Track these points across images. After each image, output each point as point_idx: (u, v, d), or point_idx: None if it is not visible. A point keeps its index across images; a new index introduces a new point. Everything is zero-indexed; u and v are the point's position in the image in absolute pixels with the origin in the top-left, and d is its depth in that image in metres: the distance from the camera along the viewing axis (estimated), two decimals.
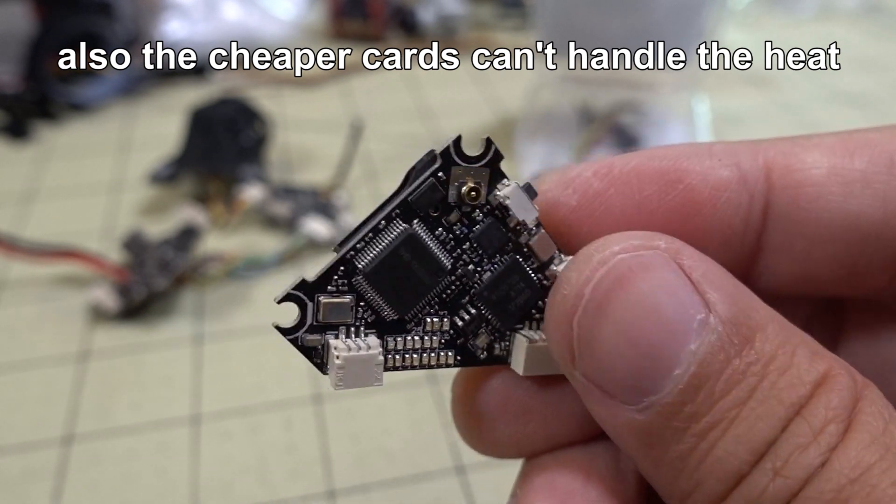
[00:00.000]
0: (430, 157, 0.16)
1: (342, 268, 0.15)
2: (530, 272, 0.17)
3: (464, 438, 0.19)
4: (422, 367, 0.17)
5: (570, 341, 0.15)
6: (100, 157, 0.59)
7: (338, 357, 0.15)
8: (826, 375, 0.14)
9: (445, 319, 0.17)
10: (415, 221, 0.16)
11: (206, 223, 0.47)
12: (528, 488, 0.18)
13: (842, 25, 0.82)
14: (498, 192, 0.16)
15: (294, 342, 0.16)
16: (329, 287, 0.15)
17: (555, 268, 0.17)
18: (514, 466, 0.19)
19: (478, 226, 0.16)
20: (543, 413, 0.18)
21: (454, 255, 0.16)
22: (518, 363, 0.17)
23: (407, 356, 0.16)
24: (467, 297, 0.17)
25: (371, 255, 0.15)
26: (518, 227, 0.16)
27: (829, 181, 0.16)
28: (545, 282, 0.17)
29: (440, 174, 0.15)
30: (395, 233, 0.16)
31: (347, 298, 0.16)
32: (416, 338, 0.16)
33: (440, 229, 0.16)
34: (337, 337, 0.16)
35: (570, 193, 0.16)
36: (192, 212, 0.46)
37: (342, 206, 0.50)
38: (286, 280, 0.45)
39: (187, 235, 0.45)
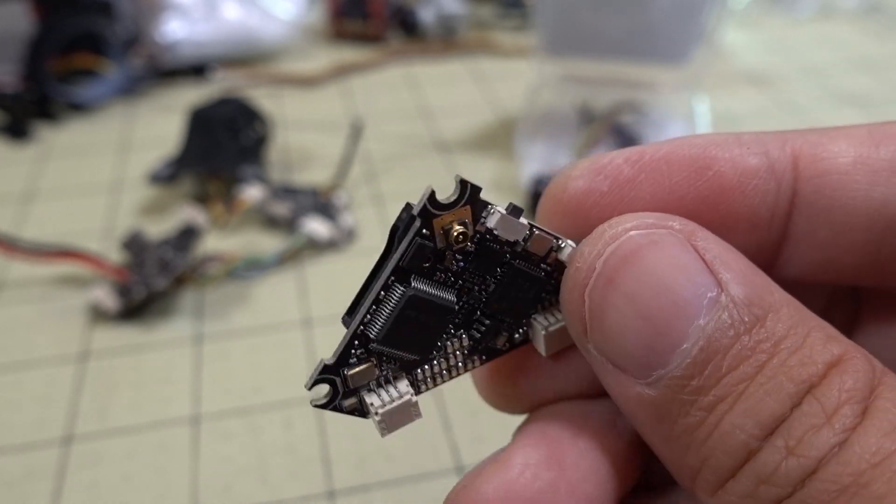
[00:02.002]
0: (409, 214, 0.16)
1: (356, 341, 0.16)
2: (531, 270, 0.17)
3: (484, 393, 0.20)
4: (451, 378, 0.18)
5: (582, 314, 0.15)
6: (100, 157, 0.59)
7: (376, 414, 0.16)
8: (841, 358, 0.14)
9: (464, 337, 0.17)
10: (412, 280, 0.16)
11: (206, 223, 0.47)
12: (519, 435, 0.18)
13: (842, 25, 0.82)
14: (486, 223, 0.16)
15: (336, 410, 0.17)
16: (350, 361, 0.16)
17: (555, 253, 0.17)
18: None
19: (472, 257, 0.17)
20: (555, 370, 0.19)
21: (456, 287, 0.17)
22: (539, 345, 0.18)
23: (437, 378, 0.18)
24: (478, 312, 0.17)
25: (379, 323, 0.16)
26: (512, 241, 0.17)
27: (854, 169, 0.16)
28: (548, 269, 0.17)
29: (424, 230, 0.16)
30: (396, 297, 0.16)
31: (369, 363, 0.16)
32: (441, 360, 0.17)
33: (438, 274, 0.16)
34: (370, 391, 0.17)
35: (601, 179, 0.17)
36: (191, 212, 0.46)
37: (342, 206, 0.50)
38: (286, 280, 0.46)
39: (187, 235, 0.45)
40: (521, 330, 0.18)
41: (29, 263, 0.45)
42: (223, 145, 0.51)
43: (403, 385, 0.17)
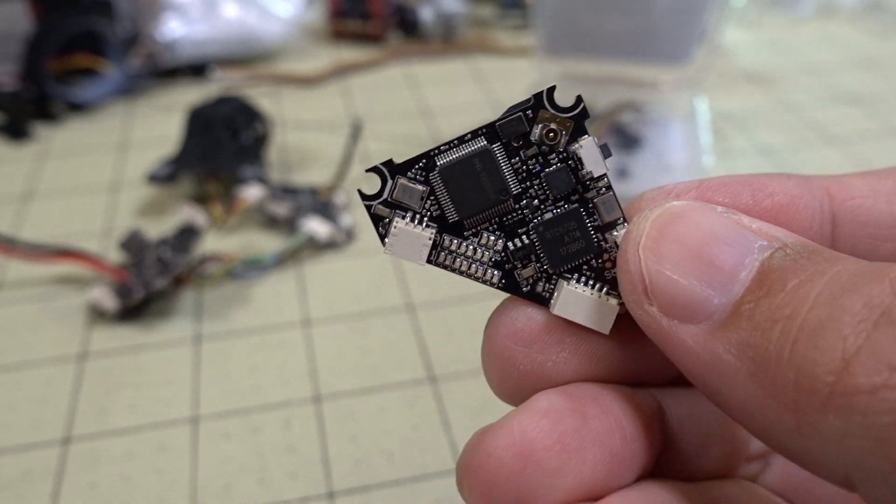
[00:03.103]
0: (527, 100, 0.17)
1: (424, 161, 0.18)
2: (589, 225, 0.18)
3: (496, 369, 0.19)
4: (467, 274, 0.18)
5: (640, 271, 0.16)
6: (99, 156, 0.59)
7: (395, 226, 0.18)
8: None
9: (500, 241, 0.18)
10: (496, 144, 0.17)
11: (206, 223, 0.47)
12: (544, 391, 0.18)
13: (842, 25, 0.82)
14: (578, 144, 0.17)
15: (368, 208, 0.18)
16: (409, 173, 0.18)
17: (616, 233, 0.18)
18: None
19: (551, 167, 0.18)
20: (576, 345, 0.18)
21: (523, 185, 0.18)
22: (556, 304, 0.18)
23: (457, 259, 0.18)
24: (525, 228, 0.18)
25: (450, 157, 0.17)
26: (588, 183, 0.18)
27: (873, 194, 0.18)
28: (604, 243, 0.18)
29: (529, 112, 0.17)
30: (475, 146, 0.17)
31: (420, 187, 0.18)
32: (470, 245, 0.18)
33: (516, 159, 0.18)
34: (403, 218, 0.18)
35: (673, 198, 0.18)
36: (191, 212, 0.46)
37: (342, 206, 0.50)
38: (286, 280, 0.45)
39: (186, 235, 0.45)
40: (547, 285, 0.18)
41: (27, 263, 0.45)
42: (222, 145, 0.51)
43: (430, 230, 0.18)
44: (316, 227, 0.47)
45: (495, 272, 0.18)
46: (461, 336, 0.41)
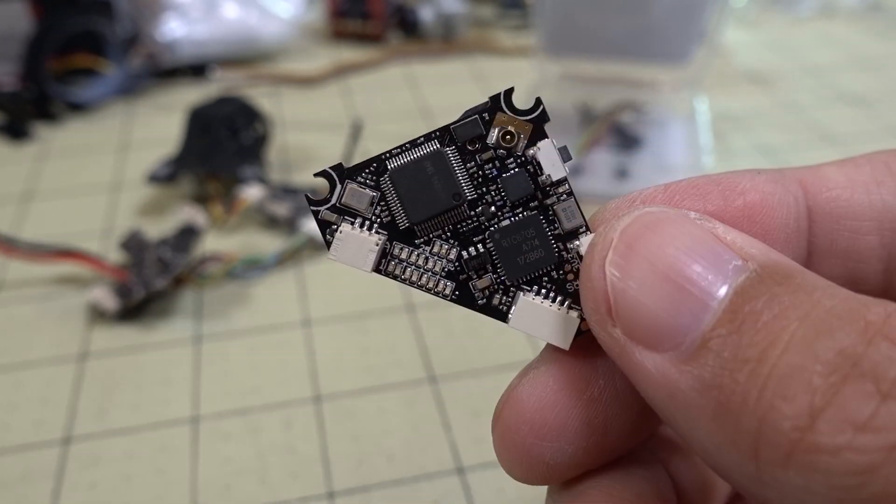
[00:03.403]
0: (484, 103, 0.17)
1: (374, 165, 0.17)
2: (548, 233, 0.17)
3: (521, 468, 0.18)
4: (417, 285, 0.17)
5: (605, 290, 0.15)
6: (99, 156, 0.59)
7: (340, 231, 0.17)
8: (892, 305, 0.12)
9: (454, 249, 0.17)
10: (449, 147, 0.17)
11: (206, 223, 0.47)
12: None
13: (842, 25, 0.82)
14: (535, 149, 0.17)
15: (315, 214, 0.17)
16: (359, 178, 0.17)
17: (577, 243, 0.17)
18: None
19: (508, 172, 0.17)
20: (603, 426, 0.17)
21: (479, 191, 0.17)
22: (513, 317, 0.17)
23: (408, 268, 0.17)
24: (480, 237, 0.17)
25: (401, 160, 0.17)
26: (548, 189, 0.17)
27: (851, 184, 0.17)
28: (565, 253, 0.17)
29: (485, 115, 0.17)
30: (428, 148, 0.17)
31: (370, 192, 0.17)
32: (422, 255, 0.17)
33: (472, 163, 0.17)
34: (352, 224, 0.17)
35: (638, 206, 0.17)
36: (191, 212, 0.46)
37: None
38: (286, 280, 0.45)
39: (186, 235, 0.45)
40: (504, 297, 0.17)
41: (28, 263, 0.45)
42: (223, 145, 0.51)
43: (376, 237, 0.17)
44: (316, 227, 0.47)
45: (448, 283, 0.17)
46: (461, 336, 0.41)
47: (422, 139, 0.17)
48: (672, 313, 0.14)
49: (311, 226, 0.47)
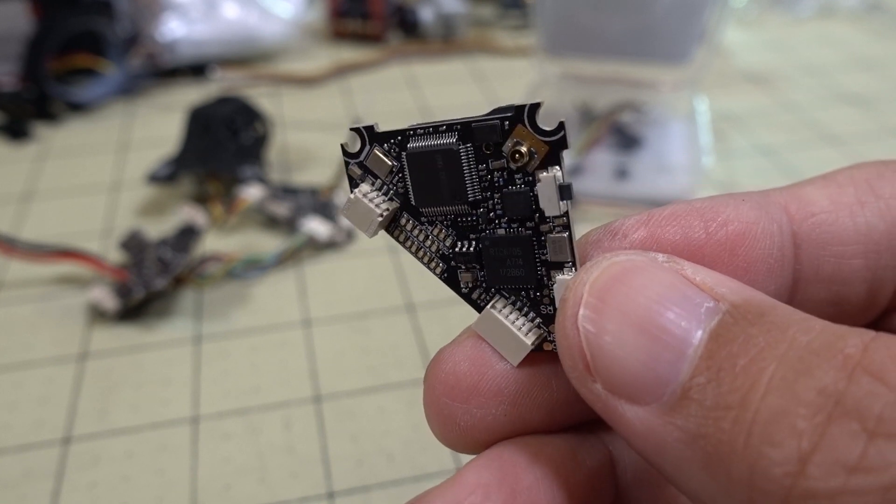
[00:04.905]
0: (510, 107, 0.17)
1: (399, 137, 0.17)
2: (535, 256, 0.17)
3: (437, 426, 0.18)
4: (415, 254, 0.18)
5: (580, 347, 0.14)
6: (99, 156, 0.59)
7: (356, 193, 0.18)
8: (868, 335, 0.12)
9: (450, 238, 0.18)
10: (465, 145, 0.17)
11: (206, 223, 0.47)
12: (473, 460, 0.17)
13: (842, 25, 0.82)
14: (544, 174, 0.16)
15: (346, 164, 0.18)
16: (385, 145, 0.18)
17: (562, 276, 0.17)
18: None
19: (512, 186, 0.17)
20: (514, 396, 0.17)
21: (483, 194, 0.17)
22: (477, 321, 0.18)
23: (409, 239, 0.18)
24: (475, 235, 0.18)
25: (419, 144, 0.17)
26: (546, 216, 0.17)
27: (834, 207, 0.17)
28: (545, 279, 0.17)
29: (506, 123, 0.16)
30: (444, 141, 0.17)
31: (390, 162, 0.18)
32: (423, 232, 0.18)
33: (483, 166, 0.17)
34: (372, 185, 0.18)
35: (619, 239, 0.17)
36: (191, 212, 0.46)
37: (342, 206, 0.50)
38: (286, 280, 0.45)
39: (186, 235, 0.45)
40: (483, 296, 0.18)
41: (28, 263, 0.45)
42: (223, 145, 0.51)
43: (383, 207, 0.18)
44: (316, 227, 0.47)
45: (441, 264, 0.18)
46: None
47: (444, 127, 0.17)
48: (650, 365, 0.14)
49: (310, 226, 0.47)
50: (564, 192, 0.16)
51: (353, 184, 0.18)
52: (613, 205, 0.51)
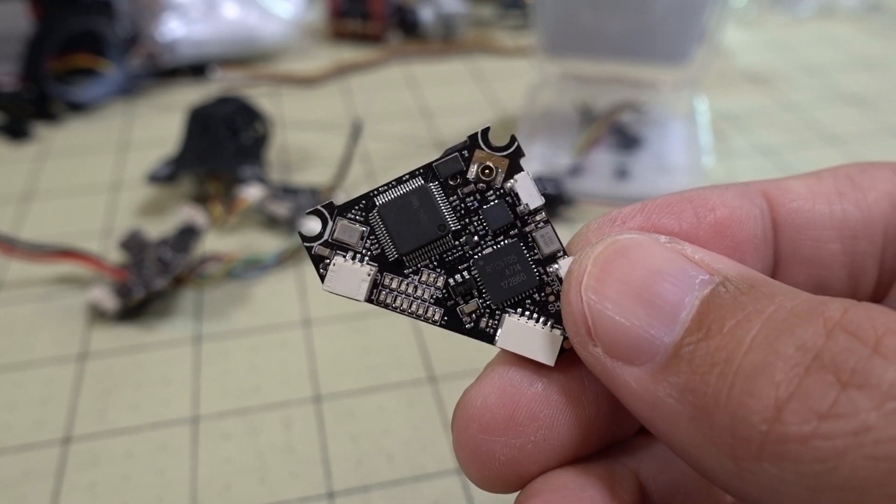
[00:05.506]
0: (464, 142, 0.18)
1: (363, 202, 0.18)
2: (529, 258, 0.18)
3: (475, 465, 0.18)
4: (408, 313, 0.18)
5: (583, 313, 0.16)
6: (99, 156, 0.59)
7: (334, 264, 0.18)
8: (850, 302, 0.13)
9: (441, 278, 0.18)
10: (433, 183, 0.18)
11: (206, 223, 0.47)
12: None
13: (842, 25, 0.82)
14: (513, 181, 0.18)
15: (308, 249, 0.18)
16: (349, 214, 0.18)
17: (556, 266, 0.18)
18: None
19: (488, 203, 0.18)
20: (550, 419, 0.17)
21: (462, 222, 0.18)
22: (500, 337, 0.18)
23: (398, 297, 0.18)
24: (466, 264, 0.18)
25: (387, 198, 0.18)
26: (526, 217, 0.18)
27: (812, 195, 0.19)
28: (545, 276, 0.18)
29: (465, 153, 0.18)
30: (413, 185, 0.18)
31: (360, 227, 0.18)
32: (411, 284, 0.18)
33: (454, 197, 0.18)
34: (343, 258, 0.18)
35: (618, 226, 0.18)
36: (191, 212, 0.46)
37: None
38: (286, 280, 0.45)
39: (186, 235, 0.45)
40: (491, 321, 0.18)
41: (27, 263, 0.45)
42: (223, 145, 0.51)
43: (367, 268, 0.18)
44: (316, 227, 0.47)
45: (437, 310, 0.18)
46: (461, 336, 0.41)
47: (406, 176, 0.18)
48: (645, 329, 0.15)
49: (311, 226, 0.47)
50: (539, 184, 0.18)
51: (322, 262, 0.18)
52: (613, 205, 0.51)
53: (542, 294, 0.18)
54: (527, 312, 0.18)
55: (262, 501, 0.33)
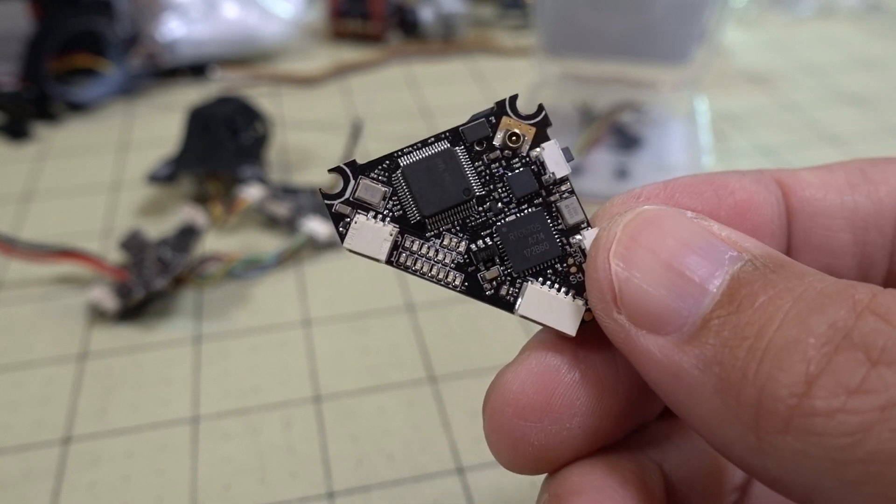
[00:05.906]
0: (491, 108, 0.18)
1: (387, 162, 0.18)
2: (552, 228, 0.18)
3: (507, 449, 0.18)
4: (428, 277, 0.18)
5: (609, 279, 0.16)
6: (99, 156, 0.59)
7: (356, 221, 0.18)
8: (877, 287, 0.13)
9: (463, 243, 0.18)
10: (459, 147, 0.18)
11: (206, 223, 0.47)
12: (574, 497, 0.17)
13: (842, 25, 0.82)
14: (540, 149, 0.18)
15: (329, 207, 0.18)
16: (372, 174, 0.18)
17: (580, 237, 0.18)
18: None
19: (514, 171, 0.18)
20: (586, 406, 0.17)
21: (487, 188, 0.18)
22: (521, 305, 0.18)
23: (419, 260, 0.18)
24: (488, 231, 0.18)
25: (412, 159, 0.18)
26: (551, 187, 0.18)
27: (824, 185, 0.19)
28: (568, 247, 0.18)
29: (492, 118, 0.18)
30: (438, 147, 0.18)
31: (382, 187, 0.18)
32: (432, 247, 0.18)
33: (479, 162, 0.18)
34: (366, 216, 0.18)
35: (643, 201, 0.18)
36: (191, 211, 0.46)
37: None
38: (286, 280, 0.45)
39: (186, 235, 0.45)
40: (511, 288, 0.18)
41: (27, 263, 0.45)
42: (223, 145, 0.51)
43: (390, 227, 0.18)
44: (316, 227, 0.47)
45: (457, 275, 0.18)
46: (461, 336, 0.41)
47: (432, 139, 0.18)
48: (674, 298, 0.15)
49: (310, 226, 0.47)
50: (567, 153, 0.18)
51: (343, 220, 0.18)
52: None
53: (565, 265, 0.18)
54: (548, 282, 0.18)
55: (262, 501, 0.33)
